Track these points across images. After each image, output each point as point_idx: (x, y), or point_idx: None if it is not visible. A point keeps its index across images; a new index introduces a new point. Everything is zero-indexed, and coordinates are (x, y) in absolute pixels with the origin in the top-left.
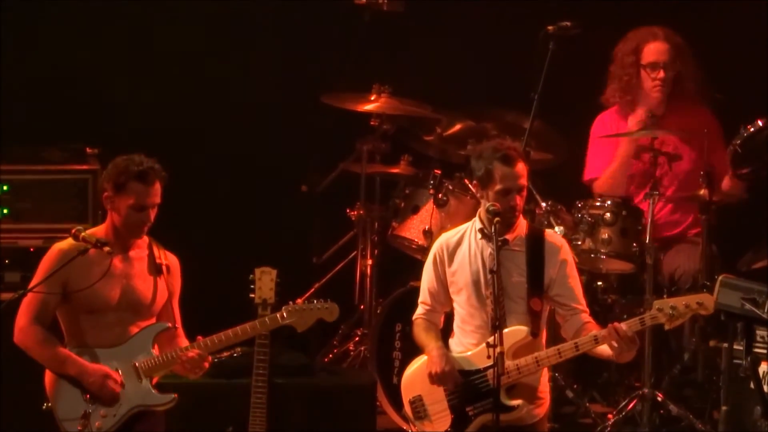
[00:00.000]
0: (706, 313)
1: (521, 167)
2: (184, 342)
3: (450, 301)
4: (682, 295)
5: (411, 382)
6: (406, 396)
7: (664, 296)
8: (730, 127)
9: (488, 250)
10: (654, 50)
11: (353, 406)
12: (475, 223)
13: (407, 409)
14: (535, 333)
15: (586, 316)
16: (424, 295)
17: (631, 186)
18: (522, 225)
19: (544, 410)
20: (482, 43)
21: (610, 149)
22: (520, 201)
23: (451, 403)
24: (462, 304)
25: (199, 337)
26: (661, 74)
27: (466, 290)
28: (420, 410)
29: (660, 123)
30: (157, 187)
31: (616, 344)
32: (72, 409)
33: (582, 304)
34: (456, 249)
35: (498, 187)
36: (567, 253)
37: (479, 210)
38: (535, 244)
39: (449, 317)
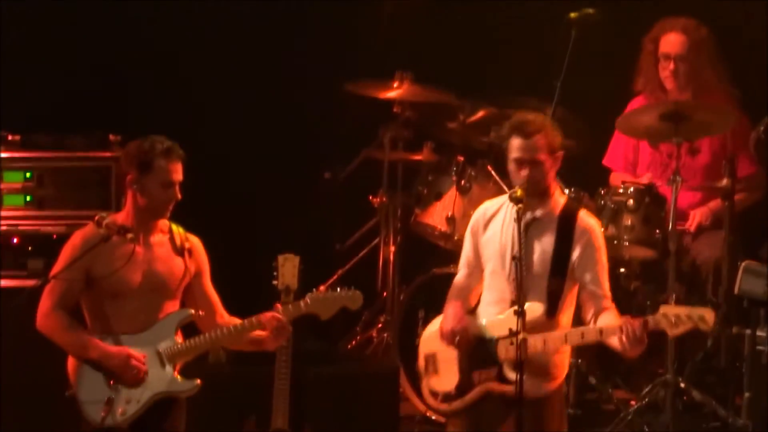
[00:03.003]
0: (705, 328)
1: (537, 141)
2: (230, 320)
3: None
4: (703, 283)
5: (430, 339)
6: (423, 351)
7: (672, 302)
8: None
9: (522, 223)
10: (668, 41)
11: (376, 392)
12: None
13: (420, 363)
14: (550, 313)
15: (606, 302)
16: (462, 261)
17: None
18: (558, 202)
19: (554, 386)
20: (505, 30)
21: (627, 141)
22: (530, 172)
23: (460, 366)
24: (487, 274)
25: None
26: (671, 66)
27: (492, 261)
28: (431, 366)
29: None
30: (180, 164)
31: (624, 340)
32: (95, 393)
33: (603, 289)
34: (492, 218)
35: (511, 157)
36: (597, 238)
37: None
38: (566, 224)
39: None
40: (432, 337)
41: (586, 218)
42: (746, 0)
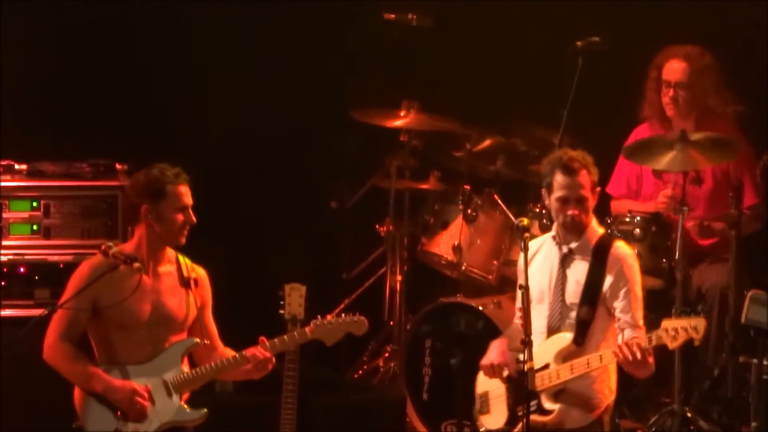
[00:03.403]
0: (697, 336)
1: (582, 178)
2: (225, 352)
3: None
4: (709, 312)
5: (482, 379)
6: (477, 390)
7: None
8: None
9: (558, 257)
10: (670, 69)
11: (383, 422)
12: (553, 231)
13: (476, 405)
14: (578, 341)
15: (637, 331)
16: (517, 302)
17: None
18: (594, 234)
19: (593, 416)
20: (511, 59)
21: (632, 169)
22: (577, 211)
23: (508, 402)
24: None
25: (263, 338)
26: (671, 93)
27: (535, 295)
28: (484, 405)
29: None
30: (188, 188)
31: (622, 363)
32: (102, 425)
33: (634, 318)
34: (534, 256)
35: (556, 195)
36: (629, 267)
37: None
38: (600, 254)
39: None
40: (484, 377)
41: (621, 248)
42: (752, 28)
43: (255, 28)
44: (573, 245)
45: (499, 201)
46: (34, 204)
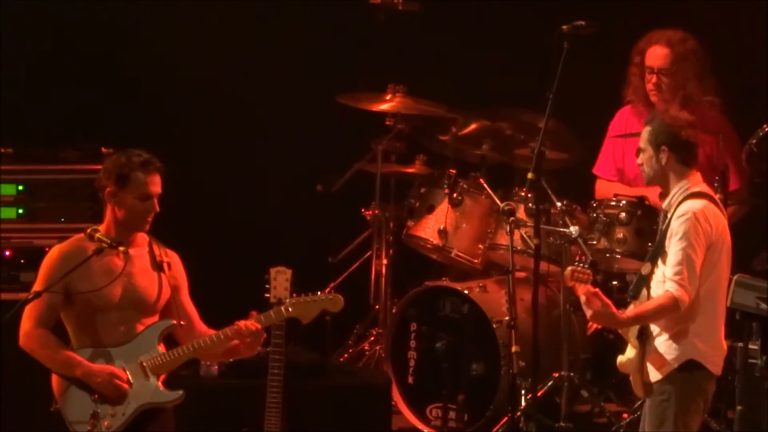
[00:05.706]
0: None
1: (644, 131)
2: (205, 333)
3: None
4: None
5: None
6: None
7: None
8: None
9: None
10: (652, 54)
11: (368, 405)
12: None
13: None
14: (633, 297)
15: (667, 284)
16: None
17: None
18: (678, 191)
19: (662, 373)
20: (497, 43)
21: (616, 149)
22: (639, 160)
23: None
24: None
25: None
26: (654, 79)
27: None
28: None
29: None
30: (158, 177)
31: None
32: (81, 409)
33: (671, 272)
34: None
35: None
36: (681, 223)
37: None
38: (674, 212)
39: None
40: None
41: (684, 206)
42: (739, 10)
43: (241, 13)
44: (663, 206)
45: (485, 185)
46: (20, 188)
